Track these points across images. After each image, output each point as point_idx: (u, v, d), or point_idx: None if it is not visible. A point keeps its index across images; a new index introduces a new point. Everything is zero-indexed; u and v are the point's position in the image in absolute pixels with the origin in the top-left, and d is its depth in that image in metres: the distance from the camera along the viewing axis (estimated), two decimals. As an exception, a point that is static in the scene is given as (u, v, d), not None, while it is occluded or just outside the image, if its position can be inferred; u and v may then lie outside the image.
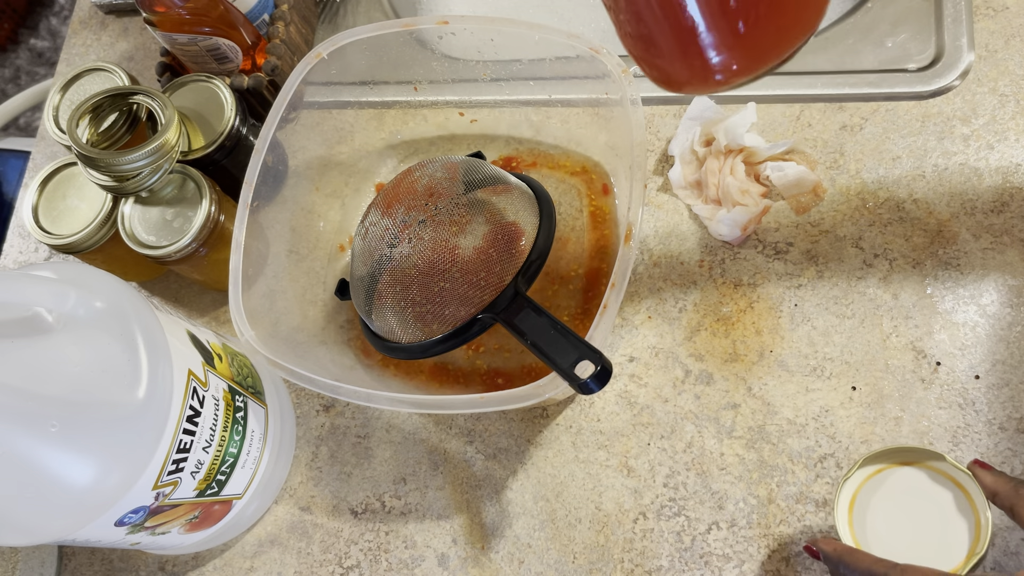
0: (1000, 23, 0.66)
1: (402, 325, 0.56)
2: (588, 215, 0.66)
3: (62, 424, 0.44)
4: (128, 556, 0.64)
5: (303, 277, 0.66)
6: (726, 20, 0.35)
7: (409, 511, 0.61)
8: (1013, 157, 0.62)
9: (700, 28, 0.35)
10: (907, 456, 0.50)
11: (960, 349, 0.58)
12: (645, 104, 0.66)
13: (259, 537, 0.62)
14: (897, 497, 0.49)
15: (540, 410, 0.62)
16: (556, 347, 0.49)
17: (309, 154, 0.67)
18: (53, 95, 0.69)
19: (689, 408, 0.60)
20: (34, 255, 0.76)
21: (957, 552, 0.46)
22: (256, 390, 0.60)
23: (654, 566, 0.56)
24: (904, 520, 0.48)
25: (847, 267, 0.61)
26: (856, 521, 0.49)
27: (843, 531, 0.49)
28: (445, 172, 0.58)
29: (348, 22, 0.79)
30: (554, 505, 0.59)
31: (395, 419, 0.64)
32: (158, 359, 0.48)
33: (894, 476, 0.49)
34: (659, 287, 0.63)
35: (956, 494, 0.48)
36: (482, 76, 0.67)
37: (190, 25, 0.65)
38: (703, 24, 0.35)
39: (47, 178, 0.66)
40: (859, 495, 0.50)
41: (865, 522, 0.49)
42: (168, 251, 0.61)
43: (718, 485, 0.57)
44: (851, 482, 0.50)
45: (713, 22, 0.35)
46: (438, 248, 0.55)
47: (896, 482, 0.49)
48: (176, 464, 0.50)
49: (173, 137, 0.61)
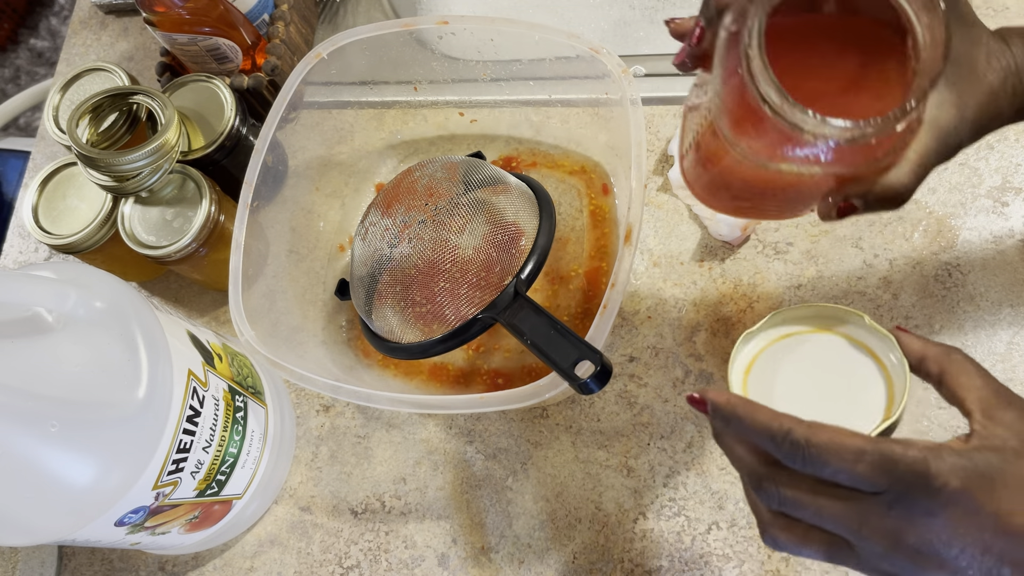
0: (1000, 23, 0.66)
1: (402, 325, 0.56)
2: (588, 215, 0.66)
3: (62, 424, 0.44)
4: (128, 556, 0.64)
5: (303, 277, 0.66)
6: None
7: (409, 511, 0.61)
8: (1013, 157, 0.62)
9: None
10: (822, 318, 0.45)
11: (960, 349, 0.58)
12: (645, 104, 0.66)
13: (259, 537, 0.63)
14: (804, 361, 0.44)
15: (540, 410, 0.62)
16: (556, 347, 0.49)
17: (309, 154, 0.67)
18: (53, 95, 0.69)
19: (689, 408, 0.60)
20: (34, 255, 0.76)
21: (869, 418, 0.41)
22: (256, 390, 0.60)
23: (654, 566, 0.56)
24: (808, 384, 0.43)
25: (847, 267, 0.61)
26: (753, 382, 0.43)
27: (735, 389, 0.44)
28: (445, 172, 0.58)
29: (348, 22, 0.79)
30: (554, 505, 0.59)
31: (395, 419, 0.64)
32: (158, 359, 0.48)
33: (804, 338, 0.44)
34: (659, 287, 0.63)
35: (872, 363, 0.43)
36: (482, 76, 0.67)
37: (190, 25, 0.65)
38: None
39: (47, 178, 0.66)
40: (763, 356, 0.44)
41: (763, 383, 0.43)
42: (168, 251, 0.61)
43: (718, 485, 0.57)
44: (755, 340, 0.45)
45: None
46: (438, 248, 0.55)
47: (805, 345, 0.44)
48: (176, 464, 0.50)
49: (173, 137, 0.62)
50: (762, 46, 0.35)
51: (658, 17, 0.82)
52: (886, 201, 0.38)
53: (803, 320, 0.45)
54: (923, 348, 0.41)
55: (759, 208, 0.44)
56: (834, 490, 0.35)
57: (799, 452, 0.35)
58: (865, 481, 0.34)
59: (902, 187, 0.38)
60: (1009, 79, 0.39)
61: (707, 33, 0.39)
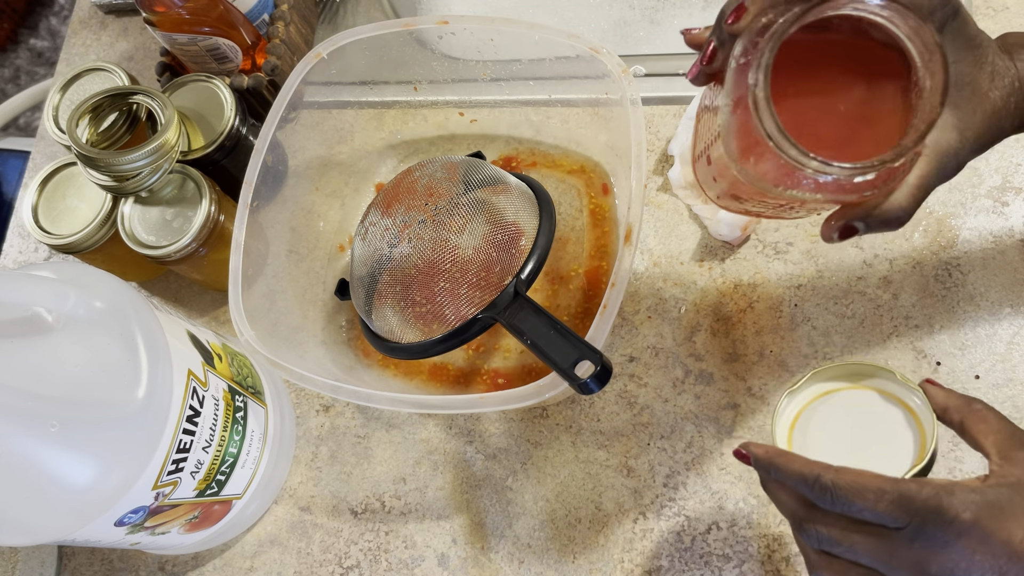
0: (1000, 23, 0.66)
1: (402, 325, 0.56)
2: (588, 215, 0.66)
3: (62, 424, 0.44)
4: (128, 556, 0.64)
5: (303, 277, 0.66)
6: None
7: (409, 511, 0.61)
8: (1013, 157, 0.62)
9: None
10: (856, 375, 0.48)
11: (960, 349, 0.58)
12: (645, 104, 0.66)
13: (259, 537, 0.62)
14: (842, 414, 0.47)
15: (540, 410, 0.62)
16: (556, 347, 0.49)
17: (309, 154, 0.67)
18: (53, 95, 0.69)
19: (689, 408, 0.60)
20: (34, 255, 0.76)
21: (899, 465, 0.44)
22: (256, 390, 0.60)
23: (654, 566, 0.56)
24: (847, 435, 0.47)
25: (847, 267, 0.61)
26: (797, 435, 0.47)
27: (781, 442, 0.47)
28: (445, 172, 0.58)
29: (348, 22, 0.79)
30: (554, 505, 0.59)
31: (395, 419, 0.64)
32: (158, 359, 0.48)
33: (841, 395, 0.48)
34: (659, 287, 0.63)
35: (904, 413, 0.46)
36: (482, 76, 0.67)
37: (190, 25, 0.65)
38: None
39: (47, 178, 0.66)
40: (803, 413, 0.48)
41: (806, 435, 0.47)
42: (168, 251, 0.61)
43: (718, 485, 0.57)
44: (797, 397, 0.48)
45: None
46: (438, 248, 0.55)
47: (842, 400, 0.47)
48: (176, 464, 0.50)
49: (173, 137, 0.62)
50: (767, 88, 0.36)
51: (658, 17, 0.82)
52: (886, 223, 0.40)
53: (839, 377, 0.48)
54: (946, 399, 0.43)
55: (766, 214, 0.45)
56: (865, 527, 0.39)
57: (828, 494, 0.39)
58: (887, 517, 0.37)
59: (901, 211, 0.40)
60: (1012, 97, 0.40)
61: (719, 53, 0.40)
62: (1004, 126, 0.41)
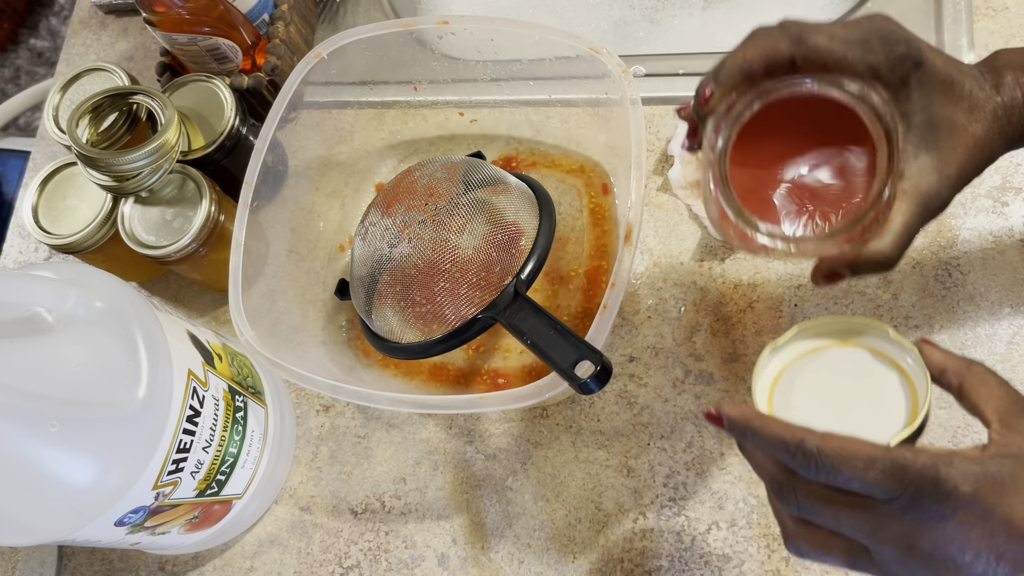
0: (1000, 23, 0.66)
1: (402, 325, 0.56)
2: (588, 215, 0.66)
3: (62, 424, 0.44)
4: (128, 556, 0.64)
5: (303, 277, 0.66)
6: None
7: (409, 511, 0.61)
8: (1013, 157, 0.62)
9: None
10: (846, 332, 0.45)
11: (960, 349, 0.58)
12: (645, 104, 0.66)
13: (259, 537, 0.63)
14: (828, 374, 0.44)
15: (540, 410, 0.62)
16: (556, 347, 0.49)
17: (309, 154, 0.67)
18: (53, 95, 0.69)
19: (689, 408, 0.60)
20: (34, 255, 0.76)
21: (893, 427, 0.41)
22: (256, 390, 0.60)
23: (654, 566, 0.56)
24: (832, 397, 0.43)
25: (847, 267, 0.61)
26: (779, 395, 0.44)
27: (761, 404, 0.44)
28: (445, 172, 0.58)
29: (348, 22, 0.79)
30: (554, 505, 0.59)
31: (395, 419, 0.64)
32: (158, 359, 0.48)
33: (829, 352, 0.44)
34: (659, 287, 0.63)
35: (896, 375, 0.43)
36: (482, 76, 0.67)
37: (190, 25, 0.65)
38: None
39: (47, 178, 0.66)
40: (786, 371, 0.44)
41: (789, 395, 0.43)
42: (168, 251, 0.61)
43: (718, 485, 0.57)
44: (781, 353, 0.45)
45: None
46: (438, 248, 0.55)
47: (829, 358, 0.44)
48: (176, 464, 0.50)
49: (173, 137, 0.62)
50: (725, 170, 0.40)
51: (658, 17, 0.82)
52: (872, 270, 0.40)
53: (827, 334, 0.45)
54: (944, 360, 0.40)
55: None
56: (850, 497, 0.36)
57: (812, 461, 0.35)
58: (877, 488, 0.34)
59: (884, 258, 0.40)
60: (996, 123, 0.40)
61: (699, 129, 0.43)
62: (993, 150, 0.40)
